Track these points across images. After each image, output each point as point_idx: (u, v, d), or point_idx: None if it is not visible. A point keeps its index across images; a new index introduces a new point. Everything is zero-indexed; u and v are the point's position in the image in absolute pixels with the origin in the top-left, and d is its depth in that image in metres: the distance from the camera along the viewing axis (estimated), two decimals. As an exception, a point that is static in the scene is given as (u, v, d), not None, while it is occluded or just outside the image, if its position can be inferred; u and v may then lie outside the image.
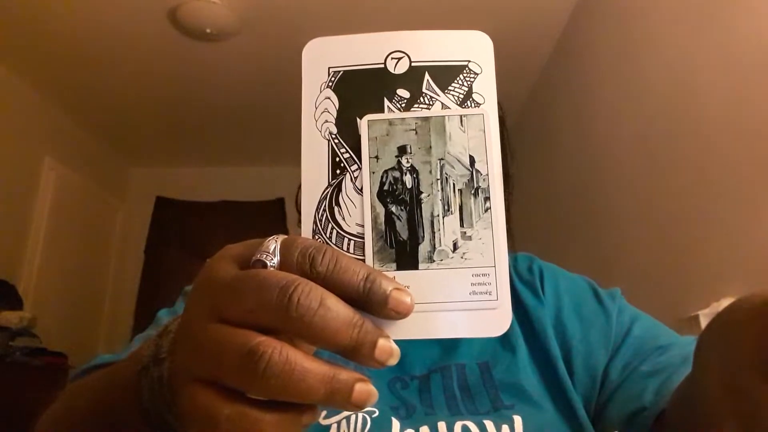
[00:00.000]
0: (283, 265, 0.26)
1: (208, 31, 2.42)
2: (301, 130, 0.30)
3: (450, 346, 0.57)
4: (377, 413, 0.49)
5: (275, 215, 3.80)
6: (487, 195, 0.28)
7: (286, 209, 3.80)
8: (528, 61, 2.62)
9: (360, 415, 0.48)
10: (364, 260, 0.28)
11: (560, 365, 0.55)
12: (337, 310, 0.24)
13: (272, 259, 0.26)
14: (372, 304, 0.25)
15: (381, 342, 0.24)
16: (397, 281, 0.26)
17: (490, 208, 0.28)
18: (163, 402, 0.30)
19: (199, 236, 3.81)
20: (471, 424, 0.48)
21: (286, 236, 0.27)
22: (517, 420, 0.48)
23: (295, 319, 0.23)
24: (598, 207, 2.06)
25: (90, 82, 2.97)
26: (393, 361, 0.25)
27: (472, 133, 0.29)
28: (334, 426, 0.47)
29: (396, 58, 0.31)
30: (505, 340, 0.58)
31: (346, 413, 0.48)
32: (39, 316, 2.58)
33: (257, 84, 2.95)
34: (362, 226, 0.29)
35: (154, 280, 3.71)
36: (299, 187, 0.63)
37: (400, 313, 0.25)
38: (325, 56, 0.31)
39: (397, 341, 0.25)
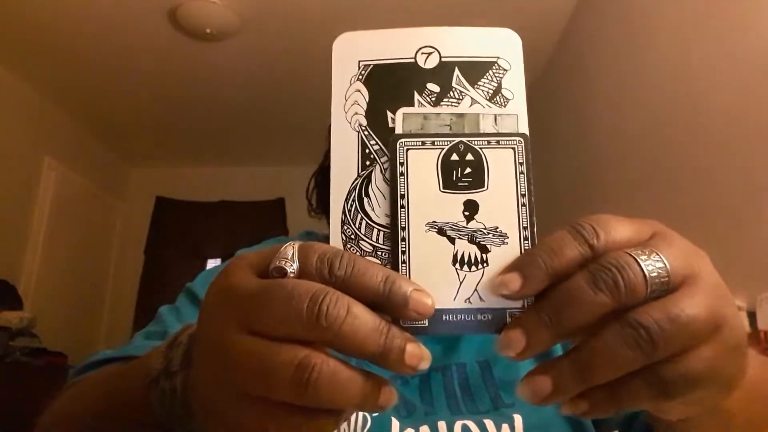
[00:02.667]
0: (302, 272, 0.26)
1: (208, 31, 2.42)
2: (329, 121, 0.31)
3: (450, 344, 0.56)
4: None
5: (275, 215, 3.80)
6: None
7: (287, 209, 3.80)
8: (529, 60, 2.61)
9: (360, 414, 0.48)
10: (389, 252, 0.28)
11: (561, 364, 0.54)
12: (364, 317, 0.24)
13: (291, 265, 0.26)
14: (392, 305, 0.25)
15: (410, 347, 0.24)
16: (415, 282, 0.26)
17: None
18: (176, 416, 0.30)
19: (199, 236, 3.81)
20: (471, 424, 0.48)
21: (301, 242, 0.27)
22: (518, 419, 0.48)
23: (326, 328, 0.23)
24: (599, 205, 2.06)
25: (90, 82, 2.97)
26: (425, 365, 0.25)
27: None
28: (334, 425, 0.47)
29: (426, 53, 0.31)
30: (505, 339, 0.58)
31: None
32: (39, 316, 2.58)
33: (257, 84, 2.95)
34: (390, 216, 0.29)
35: (154, 280, 3.71)
36: (312, 176, 0.62)
37: (421, 314, 0.25)
38: (355, 50, 0.31)
39: None
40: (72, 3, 2.32)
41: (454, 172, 0.29)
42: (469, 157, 0.29)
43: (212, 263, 3.74)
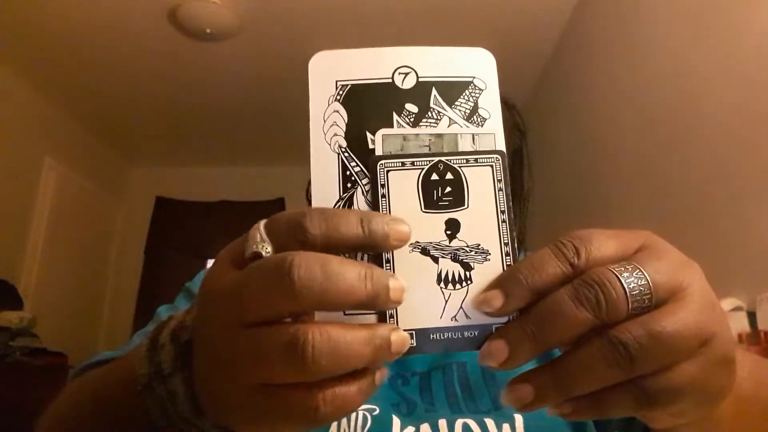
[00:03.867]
0: (278, 246, 0.25)
1: (208, 31, 2.42)
2: (309, 137, 0.31)
3: (445, 354, 0.56)
4: (378, 411, 0.49)
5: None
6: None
7: (286, 209, 3.80)
8: (528, 62, 2.62)
9: (360, 413, 0.48)
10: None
11: (561, 364, 0.55)
12: (341, 270, 0.24)
13: (263, 245, 0.26)
14: (376, 242, 0.26)
15: (392, 283, 0.25)
16: (387, 214, 0.27)
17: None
18: (181, 418, 0.30)
19: (199, 236, 3.81)
20: (472, 422, 0.48)
21: (266, 219, 0.27)
22: (518, 419, 0.48)
23: (307, 294, 0.23)
24: (598, 207, 2.07)
25: (90, 82, 2.97)
26: (400, 296, 0.25)
27: None
28: (334, 424, 0.47)
29: (403, 73, 0.31)
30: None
31: None
32: (39, 316, 2.58)
33: (257, 84, 2.96)
34: None
35: (154, 280, 3.71)
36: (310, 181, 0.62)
37: (401, 241, 0.26)
38: (331, 69, 0.32)
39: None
40: (72, 3, 2.32)
41: (435, 191, 0.29)
42: (449, 176, 0.29)
43: (212, 263, 3.74)
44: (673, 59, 1.61)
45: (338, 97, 0.31)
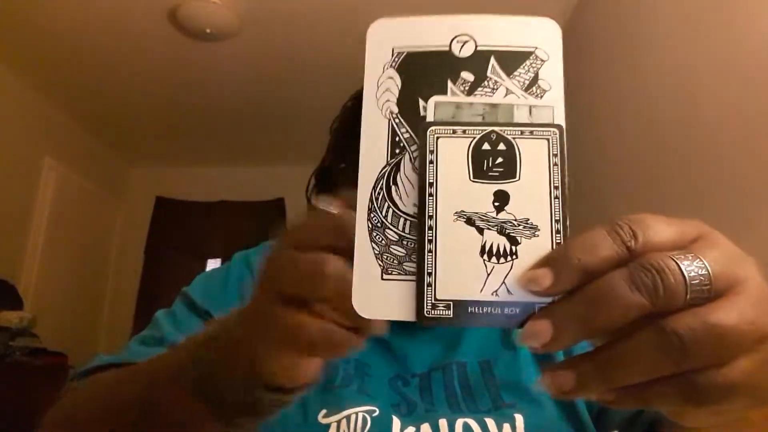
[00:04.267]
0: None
1: (208, 31, 2.42)
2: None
3: (451, 344, 0.57)
4: (378, 412, 0.49)
5: (275, 215, 3.80)
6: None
7: (286, 209, 3.80)
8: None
9: (360, 414, 0.48)
10: (416, 241, 0.28)
11: (561, 364, 0.54)
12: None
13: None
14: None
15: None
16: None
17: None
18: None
19: (199, 236, 3.81)
20: (472, 422, 0.48)
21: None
22: (519, 419, 0.48)
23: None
24: (597, 206, 2.06)
25: (90, 82, 2.97)
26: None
27: None
28: (334, 425, 0.47)
29: (462, 42, 0.30)
30: (506, 338, 0.58)
31: (346, 413, 0.48)
32: (39, 316, 2.58)
33: (257, 84, 2.95)
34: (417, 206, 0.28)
35: (154, 280, 3.71)
36: (312, 174, 0.63)
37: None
38: (389, 37, 0.31)
39: (399, 340, 0.26)
40: (72, 3, 2.32)
41: (485, 161, 0.28)
42: (501, 146, 0.28)
43: (212, 263, 3.74)
44: (672, 59, 1.61)
45: (393, 64, 0.30)
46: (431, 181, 0.28)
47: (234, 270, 0.62)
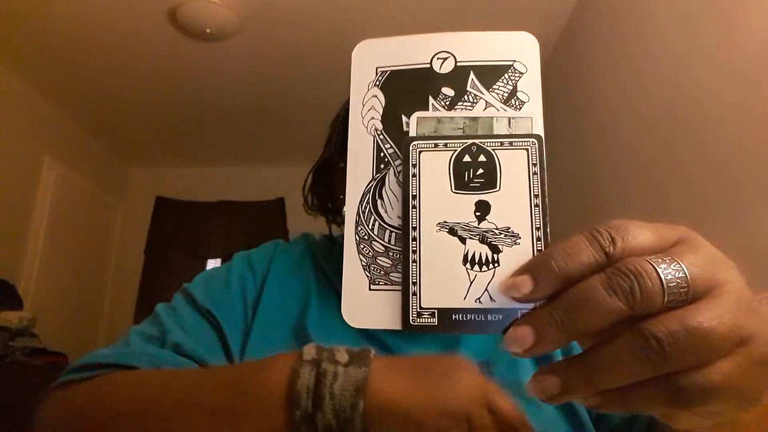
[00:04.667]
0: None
1: (208, 31, 2.42)
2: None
3: (450, 345, 0.56)
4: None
5: (275, 215, 3.80)
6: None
7: (286, 209, 3.80)
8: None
9: None
10: (401, 252, 0.28)
11: (561, 364, 0.54)
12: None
13: None
14: None
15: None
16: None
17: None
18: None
19: (199, 236, 3.81)
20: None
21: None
22: (518, 419, 0.48)
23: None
24: (596, 208, 2.06)
25: (90, 82, 2.97)
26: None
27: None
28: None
29: (442, 58, 0.31)
30: (505, 339, 0.58)
31: None
32: (39, 316, 2.58)
33: (257, 84, 2.95)
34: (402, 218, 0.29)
35: (154, 280, 3.71)
36: (310, 172, 0.64)
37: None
38: (373, 57, 0.32)
39: (398, 342, 0.26)
40: (72, 3, 2.32)
41: (467, 173, 0.29)
42: (482, 158, 0.29)
43: (212, 263, 3.74)
44: (672, 59, 1.61)
45: (377, 83, 0.31)
46: (414, 193, 0.29)
47: (235, 270, 0.62)
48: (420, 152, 0.29)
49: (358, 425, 0.33)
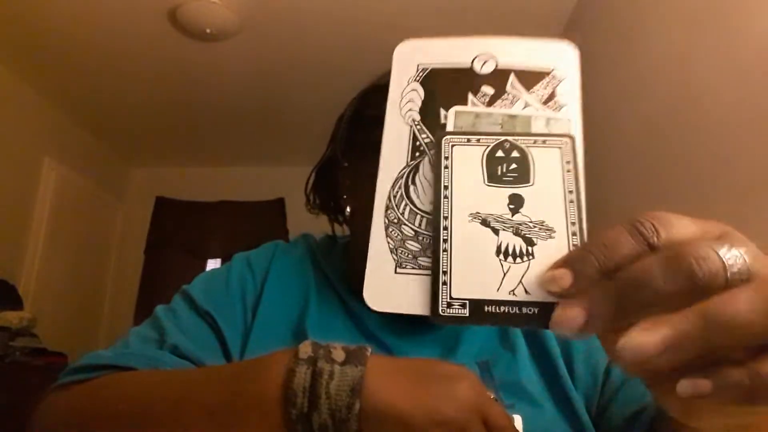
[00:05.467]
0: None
1: (208, 31, 2.42)
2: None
3: (450, 345, 0.56)
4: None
5: (275, 215, 3.80)
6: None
7: (286, 209, 3.80)
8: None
9: None
10: (431, 237, 0.28)
11: (560, 364, 0.55)
12: None
13: None
14: None
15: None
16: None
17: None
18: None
19: (199, 236, 3.81)
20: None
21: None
22: (518, 419, 0.48)
23: None
24: (597, 206, 2.06)
25: (90, 83, 2.97)
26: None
27: None
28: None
29: (483, 60, 0.32)
30: (505, 339, 0.58)
31: None
32: (39, 316, 2.58)
33: (257, 84, 2.95)
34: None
35: (154, 280, 3.71)
36: (313, 170, 0.64)
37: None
38: (415, 54, 0.33)
39: (398, 342, 0.26)
40: (72, 3, 2.32)
41: (499, 167, 0.29)
42: (515, 154, 0.29)
43: (212, 263, 3.74)
44: (673, 58, 1.61)
45: (418, 78, 0.32)
46: (446, 184, 0.28)
47: (234, 271, 0.62)
48: (453, 146, 0.29)
49: (353, 426, 0.32)
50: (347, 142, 0.61)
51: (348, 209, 0.62)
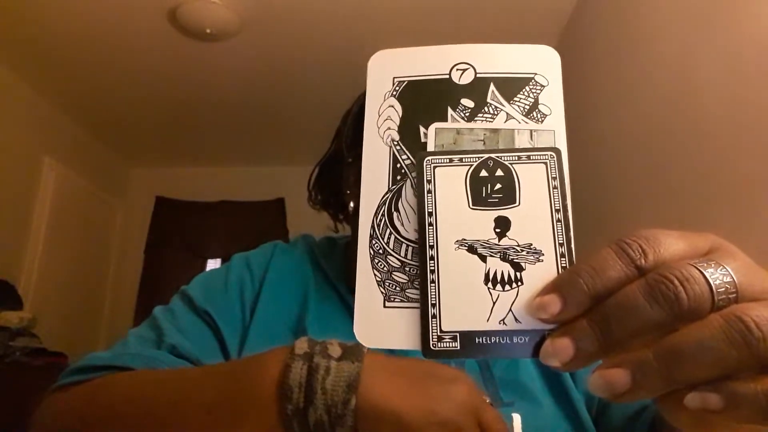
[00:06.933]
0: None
1: (208, 31, 2.42)
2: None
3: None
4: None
5: (275, 215, 3.80)
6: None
7: (286, 209, 3.80)
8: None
9: None
10: (417, 267, 0.27)
11: (560, 363, 0.54)
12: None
13: None
14: None
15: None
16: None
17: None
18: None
19: (199, 236, 3.81)
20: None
21: None
22: (517, 418, 0.48)
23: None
24: (596, 207, 2.06)
25: (90, 82, 2.97)
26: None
27: None
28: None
29: (461, 69, 0.31)
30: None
31: None
32: (39, 316, 2.58)
33: (257, 84, 2.95)
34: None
35: (154, 280, 3.71)
36: (316, 166, 0.63)
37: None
38: (390, 67, 0.31)
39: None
40: (72, 3, 2.32)
41: (484, 188, 0.28)
42: (499, 172, 0.28)
43: (212, 263, 3.74)
44: (674, 58, 1.61)
45: (394, 93, 0.31)
46: (430, 210, 0.28)
47: (233, 271, 0.62)
48: (435, 168, 0.28)
49: (349, 422, 0.32)
50: (353, 138, 0.61)
51: (351, 205, 0.62)
